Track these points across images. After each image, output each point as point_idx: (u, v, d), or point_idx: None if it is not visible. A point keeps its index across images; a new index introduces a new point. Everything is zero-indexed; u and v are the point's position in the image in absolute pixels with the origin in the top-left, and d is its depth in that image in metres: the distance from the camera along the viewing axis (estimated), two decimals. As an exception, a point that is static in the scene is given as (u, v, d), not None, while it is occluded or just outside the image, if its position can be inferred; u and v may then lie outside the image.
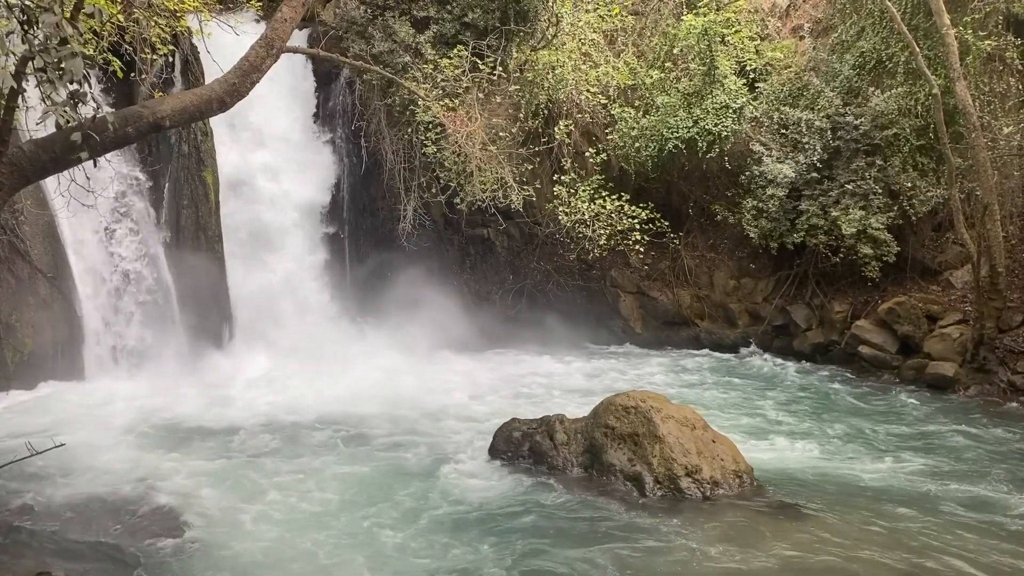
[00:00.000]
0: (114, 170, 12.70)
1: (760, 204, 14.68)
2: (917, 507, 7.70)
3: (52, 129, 5.12)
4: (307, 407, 11.21)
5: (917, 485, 8.40)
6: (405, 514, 7.52)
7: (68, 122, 4.31)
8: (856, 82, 14.80)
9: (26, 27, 3.96)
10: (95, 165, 5.12)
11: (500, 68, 14.63)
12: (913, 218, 14.14)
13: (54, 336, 12.13)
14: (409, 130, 15.17)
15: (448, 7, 15.37)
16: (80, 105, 4.33)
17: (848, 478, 8.61)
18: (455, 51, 14.57)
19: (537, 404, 11.72)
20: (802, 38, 16.10)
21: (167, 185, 13.67)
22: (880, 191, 13.99)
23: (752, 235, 14.86)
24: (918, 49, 12.93)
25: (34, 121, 4.33)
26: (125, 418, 10.55)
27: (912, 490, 8.25)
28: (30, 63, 4.09)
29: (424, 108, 13.64)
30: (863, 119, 14.23)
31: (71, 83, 4.12)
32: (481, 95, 14.47)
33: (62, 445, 6.85)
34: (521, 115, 15.06)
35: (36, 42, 3.99)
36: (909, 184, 14.00)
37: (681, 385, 13.22)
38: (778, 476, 8.50)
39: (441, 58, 14.52)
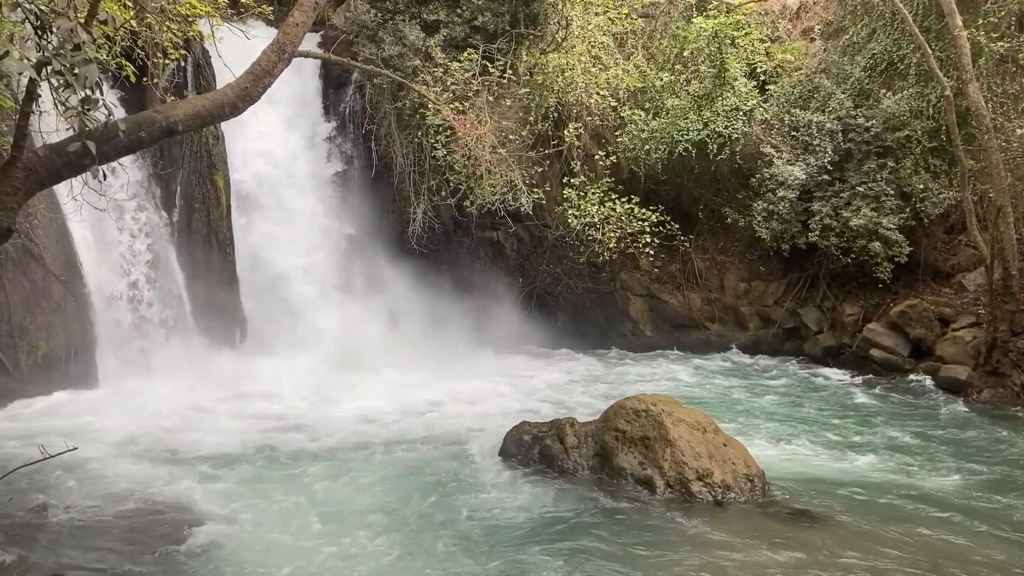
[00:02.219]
0: (126, 174, 12.79)
1: (771, 206, 14.62)
2: (932, 512, 7.64)
3: (67, 134, 5.15)
4: (319, 411, 11.24)
5: (931, 490, 8.34)
6: (412, 519, 7.50)
7: (82, 128, 4.33)
8: (867, 84, 14.74)
9: (40, 32, 4.00)
10: (104, 177, 5.13)
11: (510, 71, 14.64)
12: (925, 220, 14.06)
13: (67, 339, 12.19)
14: (419, 133, 15.21)
15: (458, 11, 15.41)
16: (92, 111, 4.35)
17: (861, 483, 8.55)
18: (465, 54, 14.61)
19: (547, 407, 11.71)
20: (812, 40, 16.03)
21: (178, 189, 13.75)
22: (891, 193, 13.92)
23: (763, 236, 14.79)
24: (930, 51, 12.87)
25: (54, 127, 4.35)
26: (137, 422, 10.57)
27: (926, 495, 8.18)
28: (45, 68, 4.12)
29: (434, 111, 13.65)
30: (874, 121, 14.17)
31: (84, 89, 4.14)
32: (491, 98, 14.49)
33: (75, 449, 6.89)
34: (531, 118, 15.06)
35: (50, 47, 4.02)
36: (921, 186, 13.92)
37: (691, 388, 13.18)
38: (790, 480, 8.46)
39: (451, 61, 14.56)
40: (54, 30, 3.96)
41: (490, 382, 13.22)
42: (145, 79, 12.00)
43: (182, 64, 13.13)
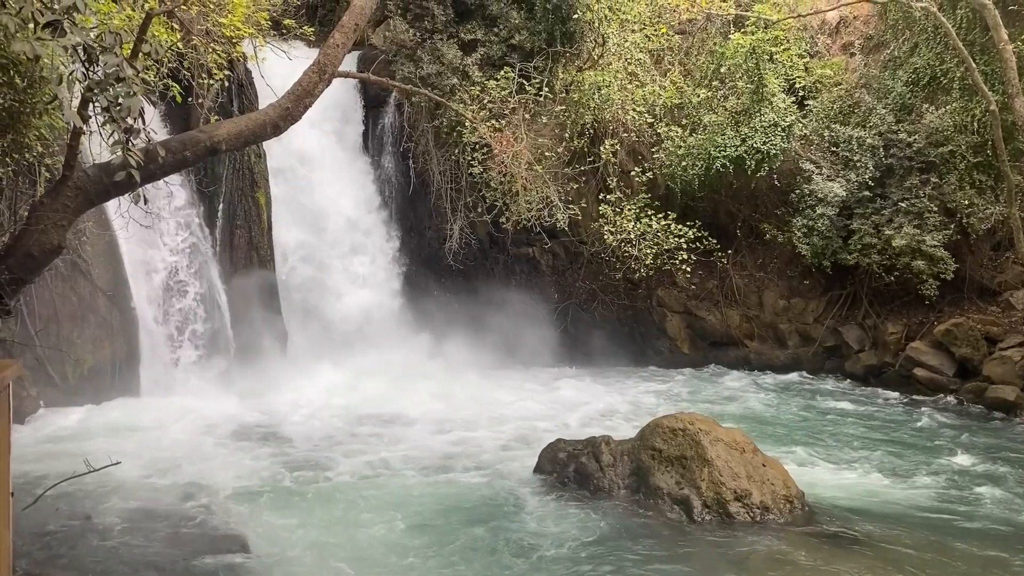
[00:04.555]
0: (171, 192, 13.11)
1: (810, 223, 14.43)
2: (979, 537, 7.44)
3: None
4: (361, 427, 11.29)
5: (978, 514, 8.12)
6: (447, 540, 7.46)
7: (125, 160, 4.49)
8: (909, 99, 14.51)
9: (88, 66, 4.15)
10: (145, 202, 5.28)
11: (546, 89, 14.72)
12: (972, 236, 13.76)
13: (113, 353, 12.46)
14: (456, 151, 15.35)
15: (495, 30, 15.55)
16: (135, 138, 4.50)
17: (904, 505, 8.37)
18: (502, 73, 14.73)
19: (582, 424, 11.65)
20: (853, 55, 15.84)
21: (221, 206, 14.03)
22: (935, 209, 13.66)
23: (804, 252, 14.59)
24: (975, 65, 12.64)
25: (104, 153, 4.52)
26: (180, 436, 10.75)
27: (972, 518, 7.98)
28: (93, 99, 4.27)
29: (471, 129, 13.79)
30: (917, 136, 13.94)
31: (127, 120, 4.29)
32: (527, 116, 14.58)
33: (118, 463, 7.04)
34: (567, 135, 15.11)
35: (97, 81, 4.18)
36: (966, 202, 13.63)
37: (729, 406, 13.02)
38: (830, 502, 8.30)
39: (488, 80, 14.69)
40: (101, 64, 4.11)
41: (524, 399, 13.20)
42: (190, 99, 12.31)
43: (226, 84, 13.44)
